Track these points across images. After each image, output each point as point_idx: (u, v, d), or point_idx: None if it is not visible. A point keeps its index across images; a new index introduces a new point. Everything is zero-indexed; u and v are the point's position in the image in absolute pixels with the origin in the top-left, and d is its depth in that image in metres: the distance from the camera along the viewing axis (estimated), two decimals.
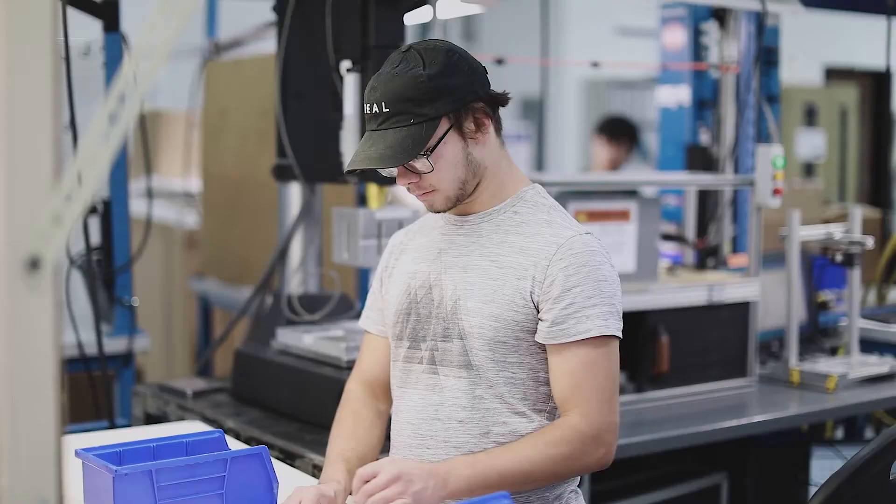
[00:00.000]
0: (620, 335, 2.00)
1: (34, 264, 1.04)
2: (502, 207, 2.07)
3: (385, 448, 2.21)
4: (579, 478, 2.13)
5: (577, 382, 1.96)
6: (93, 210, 3.50)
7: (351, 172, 2.06)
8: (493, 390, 2.00)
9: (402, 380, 2.10)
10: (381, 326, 2.20)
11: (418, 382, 2.07)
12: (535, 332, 1.99)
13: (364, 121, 2.79)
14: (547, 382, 2.03)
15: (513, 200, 2.07)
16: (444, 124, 1.96)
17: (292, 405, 2.82)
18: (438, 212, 2.07)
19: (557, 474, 1.96)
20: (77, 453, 1.91)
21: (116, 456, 1.93)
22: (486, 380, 2.00)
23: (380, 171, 2.05)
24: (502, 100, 2.04)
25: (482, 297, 1.99)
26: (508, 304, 1.98)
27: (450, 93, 1.95)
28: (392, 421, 2.15)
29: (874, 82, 8.76)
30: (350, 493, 1.94)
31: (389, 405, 2.21)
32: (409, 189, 2.03)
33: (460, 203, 2.05)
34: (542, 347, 2.01)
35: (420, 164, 1.97)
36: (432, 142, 1.95)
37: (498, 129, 2.07)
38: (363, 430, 2.15)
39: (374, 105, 1.96)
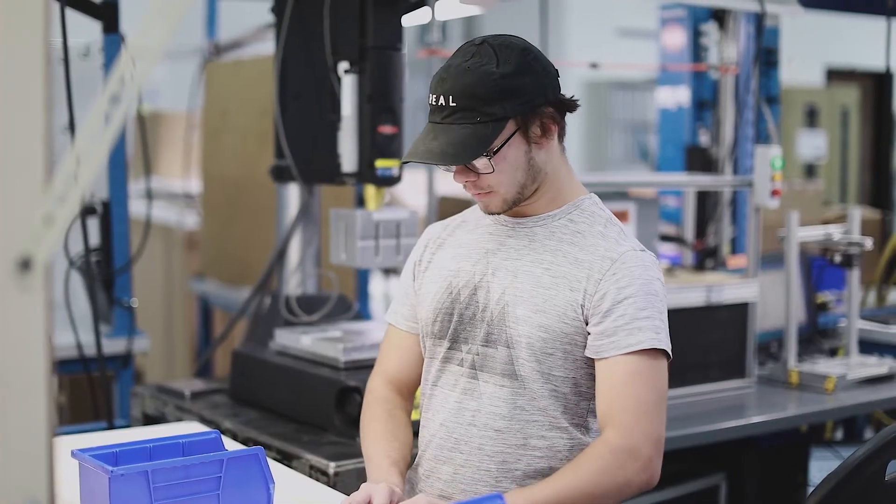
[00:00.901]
0: (671, 353, 1.92)
1: (25, 265, 1.04)
2: (557, 214, 2.00)
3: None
4: None
5: (619, 395, 1.87)
6: (92, 211, 3.49)
7: (408, 161, 1.98)
8: (536, 403, 1.94)
9: (437, 378, 2.04)
10: (411, 323, 2.13)
11: (455, 385, 2.00)
12: (582, 345, 1.93)
13: (361, 121, 2.83)
14: (588, 397, 1.97)
15: (569, 208, 2.01)
16: (510, 126, 1.89)
17: (290, 406, 2.83)
18: (493, 213, 2.01)
19: (596, 494, 1.84)
20: (73, 454, 1.91)
21: (113, 456, 1.93)
22: (530, 391, 1.94)
23: (440, 166, 1.97)
24: (571, 105, 1.97)
25: (532, 306, 1.93)
26: (559, 315, 1.92)
27: (520, 94, 1.88)
28: (423, 418, 2.08)
29: (875, 83, 8.77)
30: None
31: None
32: (465, 187, 1.97)
33: (516, 206, 1.98)
34: (588, 362, 1.94)
35: (481, 164, 1.90)
36: (497, 143, 1.88)
37: (562, 134, 2.00)
38: (402, 430, 2.08)
39: (441, 97, 1.88)
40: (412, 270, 2.15)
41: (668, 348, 1.92)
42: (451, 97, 1.87)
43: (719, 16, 4.77)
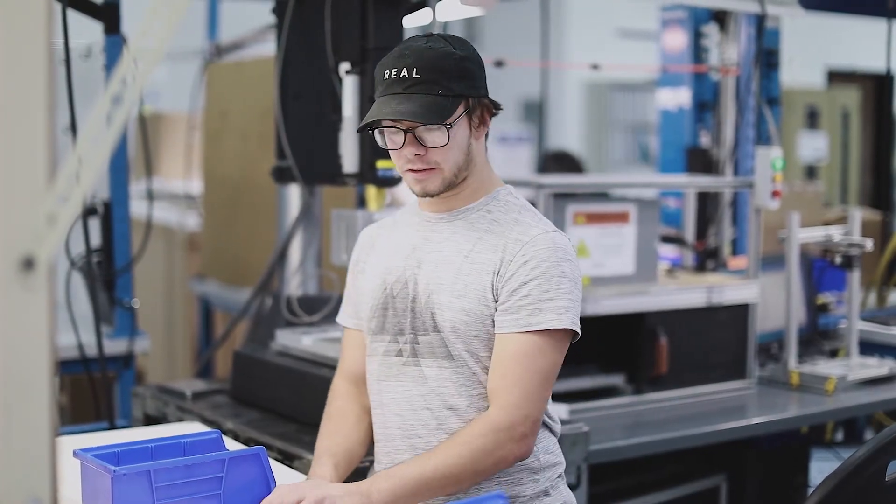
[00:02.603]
0: (577, 330, 2.00)
1: (28, 264, 1.04)
2: (476, 206, 2.10)
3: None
4: (564, 463, 2.15)
5: (508, 373, 1.97)
6: (93, 212, 3.50)
7: (367, 127, 2.04)
8: (476, 377, 2.03)
9: (382, 373, 2.11)
10: (356, 320, 2.22)
11: (400, 375, 2.08)
12: None
13: (361, 120, 2.82)
14: None
15: (486, 200, 2.10)
16: (462, 105, 2.01)
17: (291, 406, 2.83)
18: (429, 195, 2.07)
19: (479, 471, 1.95)
20: (75, 454, 1.91)
21: (114, 456, 1.93)
22: (467, 369, 2.02)
23: (389, 138, 2.02)
24: (497, 106, 2.10)
25: (453, 292, 2.02)
26: (478, 298, 2.00)
27: (472, 79, 2.02)
28: (374, 415, 2.15)
29: (876, 85, 8.77)
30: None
31: None
32: (410, 161, 2.01)
33: (449, 191, 2.07)
34: None
35: (437, 135, 1.99)
36: (453, 117, 1.99)
37: (486, 132, 2.13)
38: (349, 426, 2.18)
39: (404, 70, 1.97)
40: (352, 271, 2.25)
41: (574, 326, 1.99)
42: (415, 69, 1.97)
43: (720, 17, 4.77)
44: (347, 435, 2.16)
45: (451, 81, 1.98)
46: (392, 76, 1.99)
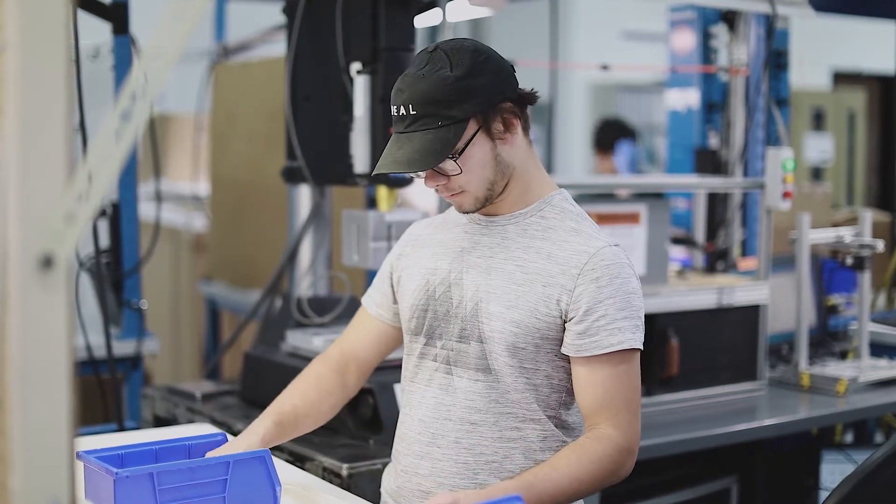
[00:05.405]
0: (642, 348, 2.00)
1: (47, 263, 1.04)
2: (529, 211, 2.04)
3: (388, 442, 2.21)
4: None
5: (608, 394, 1.94)
6: (101, 213, 3.49)
7: (377, 175, 2.06)
8: (510, 396, 1.98)
9: (414, 374, 2.09)
10: (380, 310, 2.21)
11: (431, 380, 2.05)
12: (554, 339, 1.97)
13: (374, 122, 2.82)
14: (560, 389, 2.01)
15: (540, 205, 2.05)
16: (472, 126, 1.94)
17: None
18: (467, 212, 2.05)
19: (598, 489, 1.98)
20: (79, 455, 1.90)
21: (118, 458, 1.92)
22: (503, 385, 1.98)
23: (408, 174, 2.02)
24: (530, 98, 2.02)
25: (505, 303, 1.97)
26: (531, 310, 1.96)
27: (477, 94, 1.93)
28: (401, 414, 2.13)
29: (882, 86, 8.77)
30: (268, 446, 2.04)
31: (358, 384, 2.24)
32: (437, 190, 2.01)
33: (489, 203, 2.03)
34: (561, 356, 1.99)
35: (449, 166, 1.95)
36: (460, 144, 1.93)
37: (526, 128, 2.04)
38: (317, 393, 2.18)
39: (402, 107, 1.93)
40: (390, 261, 2.21)
41: (642, 345, 2.00)
42: (410, 106, 1.92)
43: (729, 18, 4.76)
44: (309, 400, 2.16)
45: (451, 108, 1.91)
46: (395, 113, 1.96)
